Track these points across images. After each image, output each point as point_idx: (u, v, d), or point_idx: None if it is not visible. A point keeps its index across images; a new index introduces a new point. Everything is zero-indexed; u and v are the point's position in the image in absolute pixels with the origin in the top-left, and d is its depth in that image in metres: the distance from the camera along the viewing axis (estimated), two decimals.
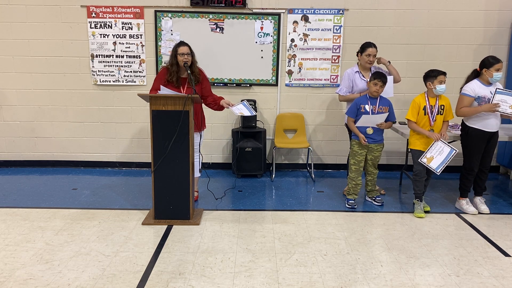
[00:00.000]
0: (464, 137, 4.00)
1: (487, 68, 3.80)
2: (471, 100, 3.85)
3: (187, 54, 3.79)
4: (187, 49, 3.81)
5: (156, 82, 3.88)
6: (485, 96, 3.81)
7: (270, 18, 5.05)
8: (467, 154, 3.99)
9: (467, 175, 4.03)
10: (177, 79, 3.83)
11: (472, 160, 3.96)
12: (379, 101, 3.96)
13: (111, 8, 5.02)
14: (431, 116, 3.86)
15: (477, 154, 3.95)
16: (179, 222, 3.68)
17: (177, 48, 3.82)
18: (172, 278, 2.82)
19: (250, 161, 5.04)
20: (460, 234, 3.59)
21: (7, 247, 3.22)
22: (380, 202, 4.17)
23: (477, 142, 3.92)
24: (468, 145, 3.97)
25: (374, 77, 3.91)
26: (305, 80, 5.21)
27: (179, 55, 3.79)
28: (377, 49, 4.14)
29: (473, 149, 3.94)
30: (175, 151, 3.60)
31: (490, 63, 3.79)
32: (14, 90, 5.21)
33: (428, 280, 2.85)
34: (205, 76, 4.00)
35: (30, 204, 4.14)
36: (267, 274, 2.89)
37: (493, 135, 3.93)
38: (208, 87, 3.98)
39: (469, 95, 3.85)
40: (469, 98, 3.85)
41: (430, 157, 3.82)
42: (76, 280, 2.78)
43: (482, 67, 3.85)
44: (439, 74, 3.80)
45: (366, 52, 4.11)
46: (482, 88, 3.84)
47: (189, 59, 3.80)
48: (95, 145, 5.38)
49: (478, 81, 3.88)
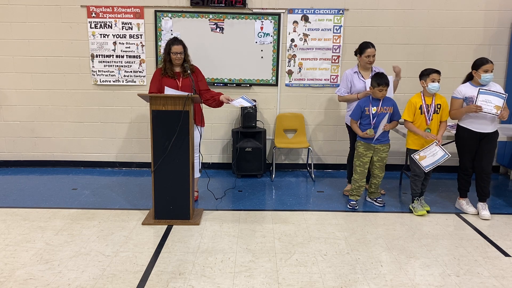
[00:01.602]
0: (456, 137, 4.04)
1: (476, 70, 3.81)
2: (460, 102, 3.88)
3: (180, 53, 3.85)
4: (181, 48, 3.86)
5: (153, 84, 3.92)
6: (472, 97, 3.80)
7: (270, 18, 5.05)
8: (459, 153, 4.02)
9: (462, 174, 4.05)
10: (172, 73, 3.88)
11: (463, 159, 3.99)
12: (382, 102, 3.95)
13: (111, 8, 5.02)
14: (427, 115, 3.87)
15: (467, 153, 3.95)
16: (179, 222, 3.68)
17: (170, 46, 3.85)
18: (172, 278, 2.82)
19: (250, 161, 5.04)
20: (460, 234, 3.59)
21: (7, 247, 3.22)
22: (381, 203, 4.17)
23: (467, 142, 3.92)
24: (459, 144, 4.00)
25: (378, 83, 3.84)
26: (305, 80, 5.21)
27: (172, 53, 3.84)
28: (375, 48, 4.14)
29: (464, 149, 3.96)
30: (175, 151, 3.60)
31: (477, 64, 3.80)
32: (14, 90, 5.21)
33: (428, 280, 2.85)
34: (199, 70, 4.04)
35: (30, 204, 4.14)
36: (267, 274, 2.89)
37: (485, 136, 3.86)
38: (203, 81, 4.01)
39: (456, 97, 3.90)
40: (457, 100, 3.89)
41: (423, 156, 3.85)
42: (76, 280, 2.78)
43: (473, 68, 3.86)
44: (431, 72, 3.82)
45: (366, 53, 4.11)
46: (470, 89, 3.85)
47: (181, 58, 3.87)
48: (95, 145, 5.38)
49: (469, 83, 3.90)
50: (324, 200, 4.37)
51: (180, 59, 3.86)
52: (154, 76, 3.96)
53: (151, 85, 3.94)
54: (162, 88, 3.83)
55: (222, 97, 3.90)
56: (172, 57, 3.84)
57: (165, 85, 3.80)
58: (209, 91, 4.02)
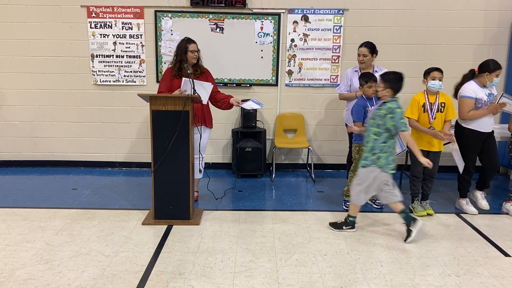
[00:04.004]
0: (460, 138, 4.00)
1: (489, 73, 3.81)
2: (473, 102, 3.86)
3: (197, 52, 3.91)
4: (196, 46, 3.92)
5: (163, 83, 3.90)
6: (482, 98, 3.84)
7: (270, 18, 5.05)
8: (464, 154, 3.98)
9: (464, 175, 4.04)
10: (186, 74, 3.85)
11: (467, 160, 3.97)
12: (376, 101, 3.94)
13: (111, 8, 5.02)
14: (431, 113, 3.85)
15: (473, 154, 3.97)
16: (179, 222, 3.68)
17: (187, 44, 3.88)
18: (172, 278, 2.82)
19: (250, 161, 5.04)
20: (460, 234, 3.59)
21: (7, 247, 3.22)
22: (379, 205, 4.15)
23: (473, 143, 3.94)
24: (464, 145, 3.97)
25: (365, 80, 3.88)
26: (305, 80, 5.21)
27: (189, 52, 3.86)
28: (369, 48, 4.10)
29: (469, 150, 3.96)
30: (175, 151, 3.60)
31: (492, 68, 3.81)
32: (14, 90, 5.21)
33: (428, 280, 2.85)
34: (209, 72, 4.09)
35: (30, 204, 4.14)
36: (267, 274, 2.89)
37: (488, 135, 3.95)
38: (213, 83, 4.03)
39: (471, 97, 3.86)
40: (472, 100, 3.86)
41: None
42: (76, 280, 2.78)
43: (483, 70, 3.85)
44: (432, 70, 3.82)
45: (358, 52, 4.14)
46: (479, 90, 3.87)
47: (198, 56, 3.93)
48: (95, 145, 5.38)
49: (475, 82, 3.89)
50: (324, 200, 4.37)
51: (196, 57, 3.91)
52: (165, 75, 3.94)
53: (161, 83, 3.92)
54: (173, 88, 3.83)
55: (232, 100, 3.94)
56: (189, 56, 3.86)
57: (175, 86, 3.80)
58: (219, 93, 4.06)
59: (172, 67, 3.93)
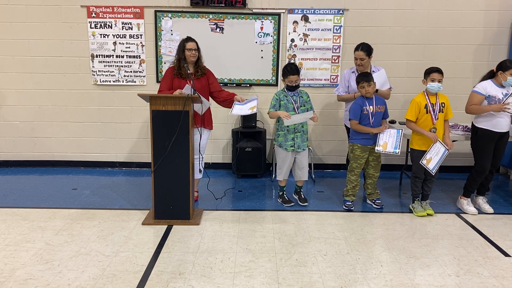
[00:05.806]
0: (474, 138, 3.98)
1: (503, 71, 3.79)
2: (481, 98, 3.84)
3: (194, 50, 3.88)
4: (195, 44, 3.90)
5: (164, 82, 3.91)
6: (495, 96, 3.81)
7: (270, 18, 5.04)
8: (478, 155, 3.96)
9: (476, 176, 3.99)
10: (186, 73, 3.87)
11: (483, 160, 3.93)
12: (375, 101, 3.95)
13: (111, 8, 5.02)
14: (434, 114, 3.85)
15: (487, 154, 3.92)
16: (179, 222, 3.68)
17: (185, 43, 3.88)
18: (172, 278, 2.82)
19: (250, 161, 5.04)
20: (460, 234, 3.59)
21: (7, 247, 3.22)
22: (379, 205, 4.15)
23: (487, 143, 3.90)
24: (478, 145, 3.95)
25: (357, 81, 3.92)
26: (305, 80, 5.20)
27: (187, 50, 3.85)
28: (365, 51, 4.10)
29: (483, 150, 3.91)
30: (175, 151, 3.60)
31: (506, 66, 3.78)
32: (14, 90, 5.21)
33: (428, 280, 2.85)
34: (211, 72, 4.08)
35: (30, 204, 4.14)
36: (267, 274, 2.89)
37: (503, 135, 3.91)
38: (215, 83, 4.05)
39: (480, 93, 3.85)
40: (479, 96, 3.84)
41: (429, 159, 3.83)
42: (76, 280, 2.78)
43: (498, 68, 3.84)
44: (432, 71, 3.81)
45: (354, 55, 4.14)
46: (494, 88, 3.83)
47: (196, 55, 3.90)
48: (95, 145, 5.38)
49: (492, 81, 3.88)
50: (324, 200, 4.36)
51: (195, 55, 3.89)
52: (166, 74, 3.95)
53: (162, 82, 3.92)
54: (173, 87, 3.84)
55: (236, 98, 3.95)
56: (187, 54, 3.86)
57: (176, 86, 3.81)
58: (222, 91, 4.06)
59: (174, 66, 3.93)
